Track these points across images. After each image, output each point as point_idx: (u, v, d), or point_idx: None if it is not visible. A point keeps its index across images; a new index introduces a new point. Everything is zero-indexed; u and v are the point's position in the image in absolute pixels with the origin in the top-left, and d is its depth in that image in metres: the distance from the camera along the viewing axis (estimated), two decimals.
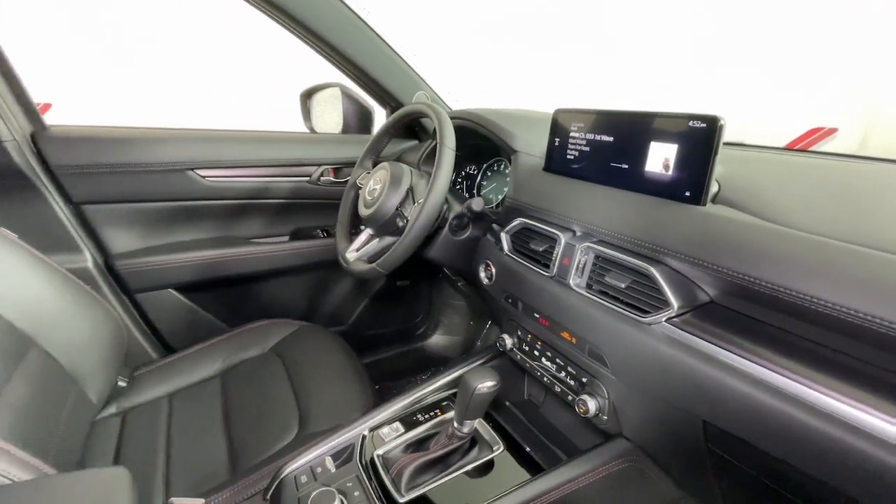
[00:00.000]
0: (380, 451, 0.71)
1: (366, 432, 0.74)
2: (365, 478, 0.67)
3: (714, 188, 0.62)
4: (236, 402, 0.94)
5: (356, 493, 0.63)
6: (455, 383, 0.88)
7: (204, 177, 1.15)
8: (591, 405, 0.66)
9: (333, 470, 0.68)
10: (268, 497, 0.66)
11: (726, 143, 0.60)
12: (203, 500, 0.66)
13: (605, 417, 0.66)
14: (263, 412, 0.90)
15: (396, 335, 1.58)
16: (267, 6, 1.04)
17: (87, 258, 1.06)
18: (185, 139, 1.14)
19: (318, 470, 0.68)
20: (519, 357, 0.82)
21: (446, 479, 0.68)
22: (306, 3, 1.06)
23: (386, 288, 1.47)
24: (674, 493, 0.65)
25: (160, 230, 1.17)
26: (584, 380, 0.69)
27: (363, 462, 0.70)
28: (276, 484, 0.67)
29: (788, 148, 0.87)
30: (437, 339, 1.61)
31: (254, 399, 0.94)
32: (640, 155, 0.66)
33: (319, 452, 0.71)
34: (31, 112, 0.99)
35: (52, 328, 0.85)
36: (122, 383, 0.99)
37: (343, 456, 0.71)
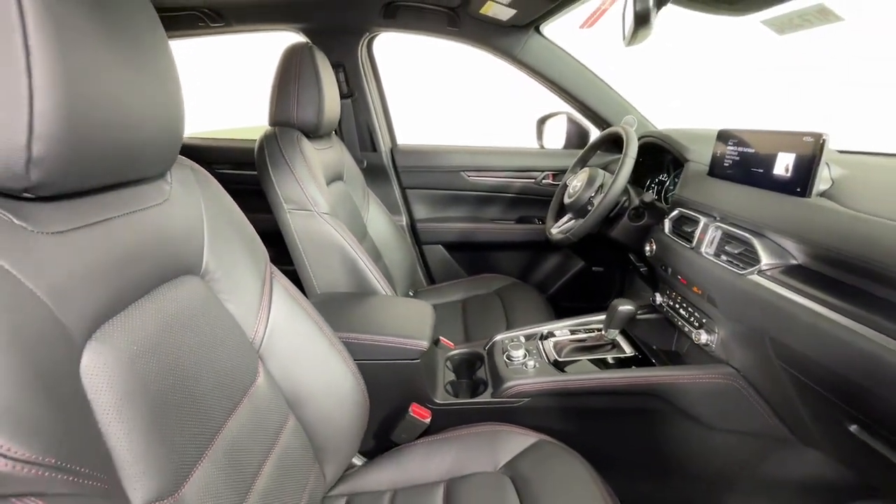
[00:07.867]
0: (552, 339, 1.14)
1: (544, 330, 1.18)
2: (540, 345, 1.11)
3: (823, 186, 0.81)
4: (469, 317, 1.51)
5: (534, 351, 1.08)
6: None
7: (468, 176, 1.79)
8: (703, 336, 0.93)
9: (524, 341, 1.14)
10: (485, 349, 1.17)
11: (857, 152, 0.80)
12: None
13: (714, 347, 0.92)
14: (486, 322, 1.43)
15: (587, 312, 1.93)
16: (521, 65, 1.59)
17: (404, 220, 1.83)
18: (460, 152, 1.80)
19: (514, 340, 1.15)
20: (665, 309, 1.11)
21: (589, 358, 1.06)
22: (547, 62, 1.59)
23: (583, 270, 1.85)
24: (770, 418, 0.86)
25: (440, 207, 1.86)
26: (704, 321, 0.95)
27: (541, 338, 1.14)
28: (490, 342, 1.17)
29: None
30: None
31: (480, 316, 1.49)
32: (772, 161, 0.89)
33: (517, 333, 1.18)
34: (392, 134, 1.81)
35: (388, 252, 1.58)
36: (410, 293, 1.69)
37: (531, 337, 1.17)
